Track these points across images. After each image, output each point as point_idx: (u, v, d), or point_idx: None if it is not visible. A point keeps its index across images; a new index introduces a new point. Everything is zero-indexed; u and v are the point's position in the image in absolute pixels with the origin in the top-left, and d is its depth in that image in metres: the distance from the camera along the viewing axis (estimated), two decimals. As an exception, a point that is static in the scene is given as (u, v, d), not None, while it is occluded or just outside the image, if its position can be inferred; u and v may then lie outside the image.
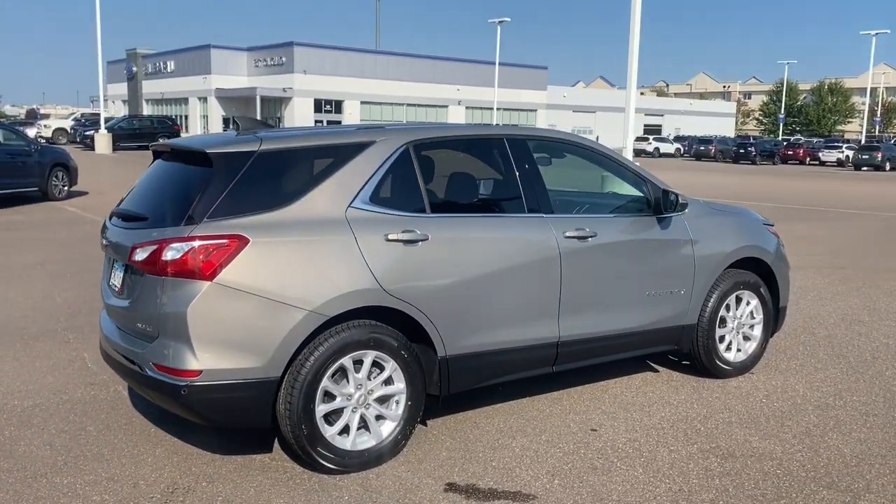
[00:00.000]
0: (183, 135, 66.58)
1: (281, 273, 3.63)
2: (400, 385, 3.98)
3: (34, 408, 4.74)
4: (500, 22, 54.38)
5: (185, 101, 68.28)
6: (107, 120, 43.65)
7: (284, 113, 61.92)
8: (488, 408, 4.79)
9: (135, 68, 73.97)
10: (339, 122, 63.52)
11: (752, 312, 5.49)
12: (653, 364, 5.69)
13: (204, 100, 65.71)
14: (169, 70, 69.77)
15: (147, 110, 72.76)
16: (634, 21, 13.32)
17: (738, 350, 5.47)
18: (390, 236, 3.90)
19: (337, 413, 3.84)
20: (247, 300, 3.55)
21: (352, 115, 64.05)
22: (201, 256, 3.49)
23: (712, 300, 5.20)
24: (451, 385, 4.20)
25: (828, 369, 5.67)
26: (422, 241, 3.99)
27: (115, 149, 38.38)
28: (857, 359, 5.94)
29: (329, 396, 3.79)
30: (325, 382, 3.74)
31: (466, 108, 71.74)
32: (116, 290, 4.03)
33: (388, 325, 3.93)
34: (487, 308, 4.22)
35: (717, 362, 5.31)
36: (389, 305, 3.87)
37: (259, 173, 3.76)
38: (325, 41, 65.80)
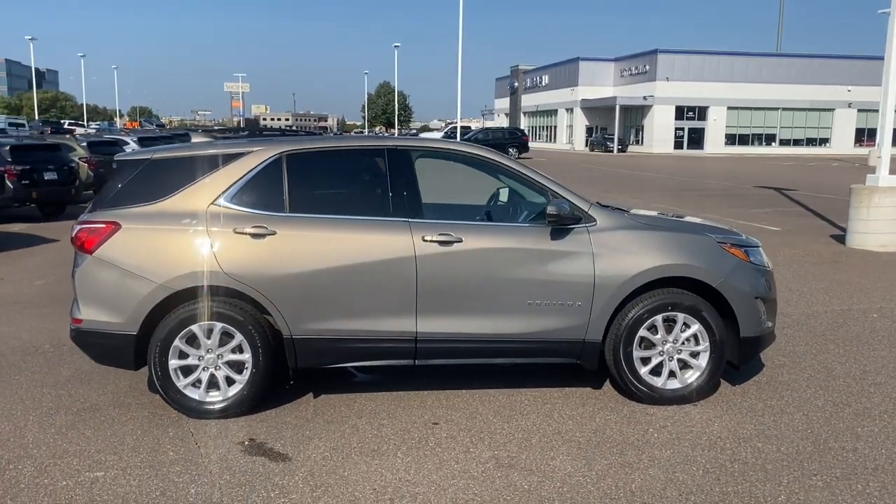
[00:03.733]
0: (536, 145, 70.20)
1: (143, 252, 4.73)
2: (246, 355, 4.79)
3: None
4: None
5: (555, 112, 72.27)
6: (467, 131, 48.70)
7: (644, 122, 61.85)
8: (384, 393, 5.27)
9: (516, 83, 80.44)
10: (703, 130, 61.33)
11: (693, 338, 5.00)
12: (607, 381, 5.48)
13: (570, 111, 68.83)
14: (543, 84, 74.47)
15: (523, 122, 78.64)
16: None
17: (672, 377, 5.02)
18: (237, 229, 4.74)
19: (192, 369, 4.81)
20: (115, 271, 4.72)
21: (717, 121, 61.49)
22: (85, 235, 4.76)
23: (628, 318, 4.92)
24: (298, 361, 4.86)
25: (794, 414, 4.86)
26: (269, 235, 4.75)
27: (468, 157, 42.79)
28: (859, 410, 4.93)
29: (183, 354, 4.78)
30: (177, 342, 4.74)
31: (858, 110, 63.55)
32: None
33: (241, 303, 4.77)
34: (334, 298, 4.78)
35: (638, 385, 4.98)
36: (230, 286, 4.71)
37: (147, 175, 4.90)
38: (694, 46, 63.82)
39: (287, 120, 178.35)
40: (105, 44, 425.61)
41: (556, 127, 71.81)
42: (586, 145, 64.98)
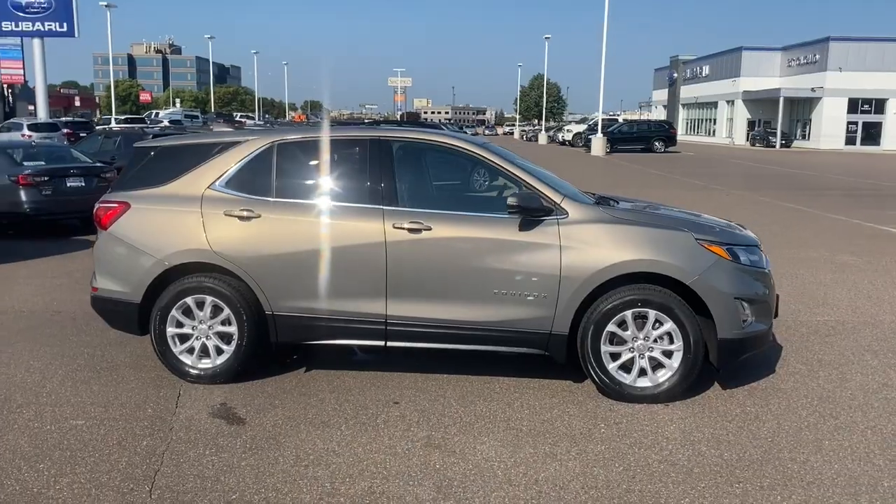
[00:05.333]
0: (693, 139, 67.01)
1: (147, 230, 5.27)
2: (233, 327, 5.21)
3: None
4: None
5: (714, 104, 68.91)
6: (610, 124, 47.62)
7: (812, 115, 57.55)
8: (368, 372, 5.52)
9: (675, 74, 77.42)
10: (880, 124, 56.35)
11: (666, 336, 4.85)
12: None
13: (731, 103, 65.37)
14: (703, 74, 71.19)
15: (681, 114, 75.63)
16: None
17: (643, 375, 4.90)
18: (227, 212, 5.16)
19: (187, 337, 5.30)
20: (124, 245, 5.30)
21: (897, 115, 55.94)
22: (102, 213, 5.38)
23: (595, 313, 4.86)
24: (279, 336, 5.22)
25: (768, 422, 4.60)
26: (254, 218, 5.13)
27: (610, 151, 41.78)
28: (843, 423, 4.57)
29: (180, 324, 5.28)
30: (174, 312, 5.24)
31: None
32: None
33: (229, 279, 5.19)
34: (310, 279, 5.08)
35: (605, 380, 4.92)
36: (218, 264, 5.14)
37: (157, 161, 5.45)
38: (872, 33, 58.34)
39: (447, 113, 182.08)
40: (282, 41, 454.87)
41: (715, 120, 68.39)
42: (747, 139, 61.45)
